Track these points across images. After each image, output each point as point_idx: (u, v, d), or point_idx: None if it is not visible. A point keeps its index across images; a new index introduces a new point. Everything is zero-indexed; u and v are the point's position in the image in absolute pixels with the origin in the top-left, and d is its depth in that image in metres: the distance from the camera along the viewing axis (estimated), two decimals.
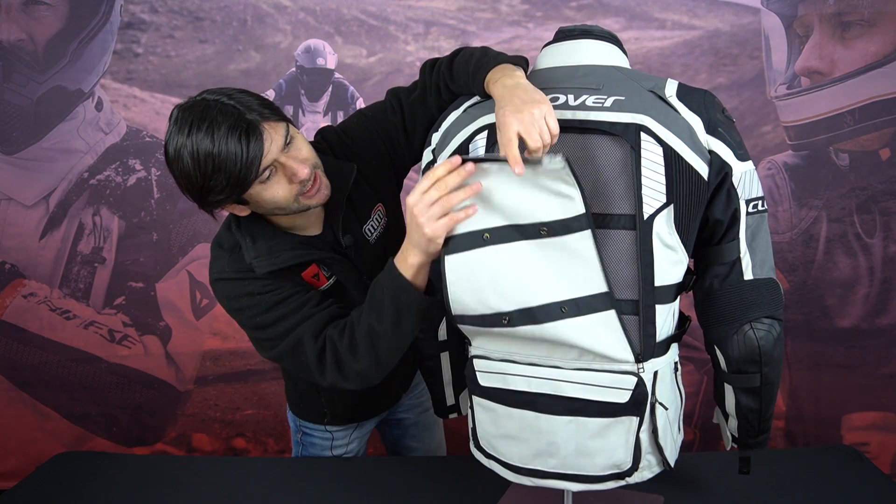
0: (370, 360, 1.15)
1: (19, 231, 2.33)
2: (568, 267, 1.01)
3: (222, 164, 1.08)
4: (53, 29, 2.23)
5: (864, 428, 2.34)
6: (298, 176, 1.14)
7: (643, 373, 1.03)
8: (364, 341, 1.14)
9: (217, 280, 1.25)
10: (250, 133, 1.08)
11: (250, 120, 1.09)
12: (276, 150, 1.12)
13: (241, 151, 1.08)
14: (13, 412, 2.40)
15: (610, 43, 1.13)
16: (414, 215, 1.04)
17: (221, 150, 1.07)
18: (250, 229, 1.23)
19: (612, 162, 1.02)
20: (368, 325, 1.13)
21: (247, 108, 1.10)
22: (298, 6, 2.28)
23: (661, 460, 1.10)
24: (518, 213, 1.01)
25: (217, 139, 1.07)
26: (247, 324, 1.24)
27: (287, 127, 1.15)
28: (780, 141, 2.26)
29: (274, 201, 1.15)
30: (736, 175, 1.03)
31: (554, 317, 1.01)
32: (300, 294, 1.21)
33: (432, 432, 1.70)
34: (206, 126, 1.08)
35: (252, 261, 1.21)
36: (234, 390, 2.42)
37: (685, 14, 2.27)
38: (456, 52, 1.23)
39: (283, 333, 1.19)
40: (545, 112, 0.97)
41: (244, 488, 1.46)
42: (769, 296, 1.07)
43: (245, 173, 1.09)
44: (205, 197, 1.12)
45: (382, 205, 1.37)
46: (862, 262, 2.27)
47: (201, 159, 1.08)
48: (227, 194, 1.11)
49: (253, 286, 1.21)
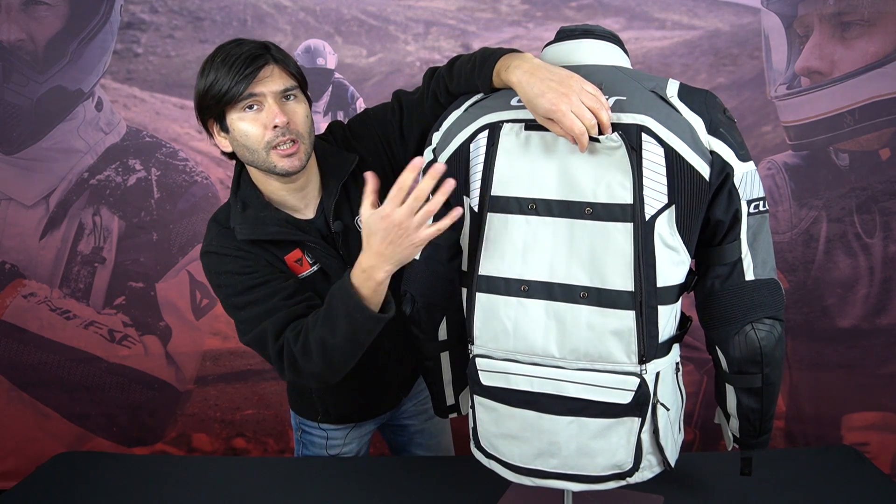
0: (323, 366, 1.18)
1: (19, 231, 2.33)
2: (601, 255, 1.02)
3: (229, 59, 1.18)
4: (53, 29, 2.23)
5: (864, 428, 2.34)
6: (273, 121, 1.19)
7: (646, 374, 1.04)
8: (317, 349, 1.16)
9: (205, 253, 1.29)
10: (256, 59, 1.19)
11: (264, 55, 1.20)
12: (271, 89, 1.20)
13: (241, 67, 1.18)
14: (13, 412, 2.40)
15: (611, 43, 1.13)
16: (397, 225, 1.05)
17: (228, 61, 1.19)
18: (245, 196, 1.29)
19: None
20: (322, 337, 1.15)
21: (269, 49, 1.22)
22: (298, 6, 2.28)
23: (661, 460, 1.11)
24: (569, 187, 1.03)
25: (230, 55, 1.19)
26: (225, 303, 1.29)
27: (296, 85, 1.23)
28: (780, 141, 2.26)
29: (245, 135, 1.21)
30: (737, 175, 1.03)
31: (572, 299, 1.03)
32: (275, 282, 1.24)
33: (438, 440, 1.69)
34: (231, 46, 1.21)
35: (236, 226, 1.25)
36: (234, 390, 2.42)
37: (685, 14, 2.27)
38: (455, 58, 1.25)
39: (251, 320, 1.23)
40: (582, 85, 1.00)
41: (244, 488, 1.46)
42: (770, 296, 1.07)
43: (233, 85, 1.17)
44: (201, 102, 1.22)
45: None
46: (862, 262, 2.27)
47: (210, 65, 1.20)
48: (222, 94, 1.18)
49: (233, 264, 1.25)
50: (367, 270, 1.10)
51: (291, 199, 1.30)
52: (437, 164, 1.04)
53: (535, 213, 1.06)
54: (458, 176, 1.12)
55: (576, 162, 1.03)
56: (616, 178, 1.00)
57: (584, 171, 1.03)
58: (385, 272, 1.10)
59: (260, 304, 1.22)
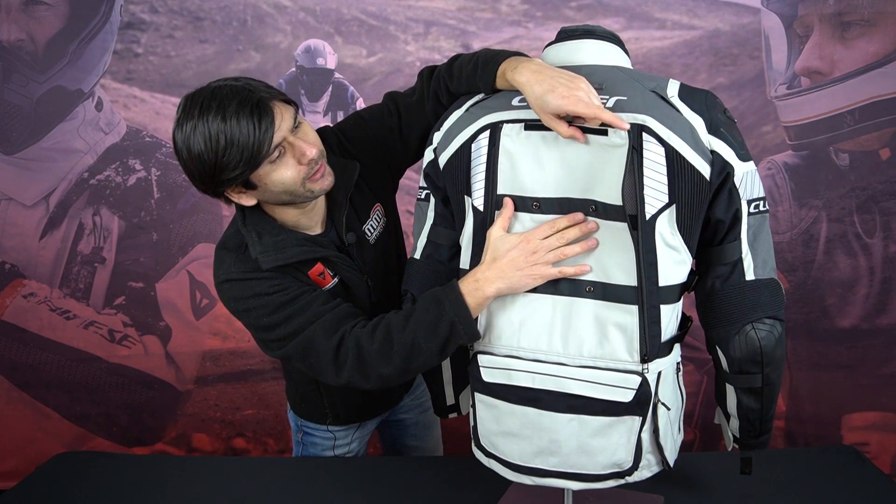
0: (400, 368, 1.15)
1: (19, 231, 2.33)
2: (606, 251, 1.04)
3: (234, 138, 1.08)
4: (53, 29, 2.23)
5: (864, 428, 2.34)
6: (307, 155, 1.14)
7: (647, 373, 1.04)
8: (402, 351, 1.13)
9: (224, 282, 1.24)
10: (261, 109, 1.09)
11: (260, 97, 1.10)
12: (286, 129, 1.13)
13: (254, 126, 1.08)
14: (13, 412, 2.40)
15: (612, 43, 1.13)
16: (531, 251, 1.06)
17: (233, 125, 1.08)
18: (256, 225, 1.23)
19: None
20: (413, 339, 1.12)
21: (255, 88, 1.12)
22: (298, 6, 2.28)
23: (660, 460, 1.11)
24: (572, 185, 1.04)
25: (228, 116, 1.08)
26: (254, 324, 1.23)
27: (295, 111, 1.16)
28: (780, 141, 2.26)
29: (283, 182, 1.15)
30: (738, 175, 1.03)
31: (578, 294, 1.05)
32: (307, 294, 1.20)
33: (431, 431, 1.71)
34: (217, 106, 1.09)
35: (258, 255, 1.20)
36: (234, 390, 2.42)
37: (685, 14, 2.27)
38: (454, 58, 1.24)
39: (291, 334, 1.19)
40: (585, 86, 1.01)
41: (244, 488, 1.46)
42: (771, 296, 1.08)
43: (258, 147, 1.09)
44: (217, 176, 1.12)
45: (380, 205, 1.37)
46: (862, 262, 2.27)
47: (213, 136, 1.08)
48: (241, 170, 1.11)
49: (261, 286, 1.20)
50: (479, 281, 1.09)
51: (305, 219, 1.27)
52: (590, 223, 1.05)
53: (540, 211, 1.06)
54: (459, 175, 1.12)
55: (577, 160, 1.04)
56: (616, 178, 1.01)
57: (586, 169, 1.03)
58: (496, 290, 1.08)
59: (299, 316, 1.19)
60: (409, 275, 1.24)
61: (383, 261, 1.37)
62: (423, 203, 1.23)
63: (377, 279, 1.35)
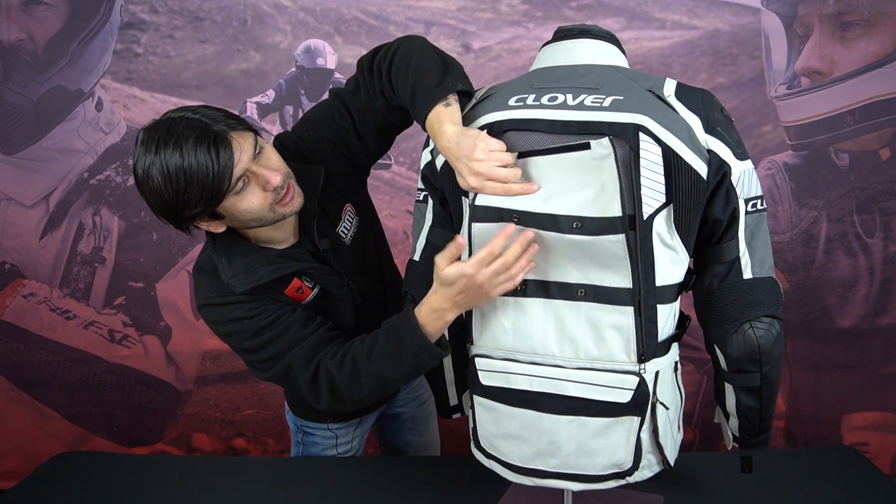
0: (375, 394, 1.18)
1: (19, 231, 2.33)
2: (597, 261, 1.01)
3: (193, 176, 1.06)
4: (53, 29, 2.23)
5: (864, 428, 2.34)
6: (272, 183, 1.13)
7: (645, 373, 1.04)
8: (371, 382, 1.16)
9: (203, 306, 1.24)
10: (219, 143, 1.07)
11: (217, 130, 1.08)
12: (247, 160, 1.11)
13: (212, 162, 1.06)
14: (13, 412, 2.40)
15: (608, 42, 1.13)
16: (478, 285, 1.04)
17: (191, 162, 1.06)
18: (226, 247, 1.22)
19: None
20: (380, 374, 1.14)
21: (212, 120, 1.10)
22: (298, 6, 2.29)
23: (661, 459, 1.11)
24: (556, 199, 1.00)
25: (186, 152, 1.06)
26: (237, 348, 1.24)
27: (255, 137, 1.14)
28: (780, 141, 2.26)
29: (250, 212, 1.14)
30: (735, 174, 1.03)
31: (570, 297, 1.04)
32: (285, 317, 1.21)
33: (428, 425, 1.71)
34: (174, 141, 1.07)
35: (229, 280, 1.20)
36: (234, 390, 2.42)
37: (685, 14, 2.27)
38: (387, 55, 1.20)
39: (272, 357, 1.21)
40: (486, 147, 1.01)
41: (244, 488, 1.46)
42: (768, 295, 1.07)
43: (218, 184, 1.08)
44: (179, 213, 1.11)
45: (351, 205, 1.37)
46: (862, 262, 2.27)
47: (172, 174, 1.07)
48: (201, 208, 1.10)
49: (238, 310, 1.21)
50: (438, 311, 1.10)
51: (278, 233, 1.25)
52: (528, 232, 1.02)
53: (518, 224, 1.03)
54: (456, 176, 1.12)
55: (566, 178, 1.00)
56: (606, 191, 0.98)
57: (573, 186, 1.00)
58: (455, 314, 1.10)
59: (277, 342, 1.20)
60: (409, 277, 1.24)
61: (363, 259, 1.37)
62: (421, 205, 1.23)
63: (359, 278, 1.35)
